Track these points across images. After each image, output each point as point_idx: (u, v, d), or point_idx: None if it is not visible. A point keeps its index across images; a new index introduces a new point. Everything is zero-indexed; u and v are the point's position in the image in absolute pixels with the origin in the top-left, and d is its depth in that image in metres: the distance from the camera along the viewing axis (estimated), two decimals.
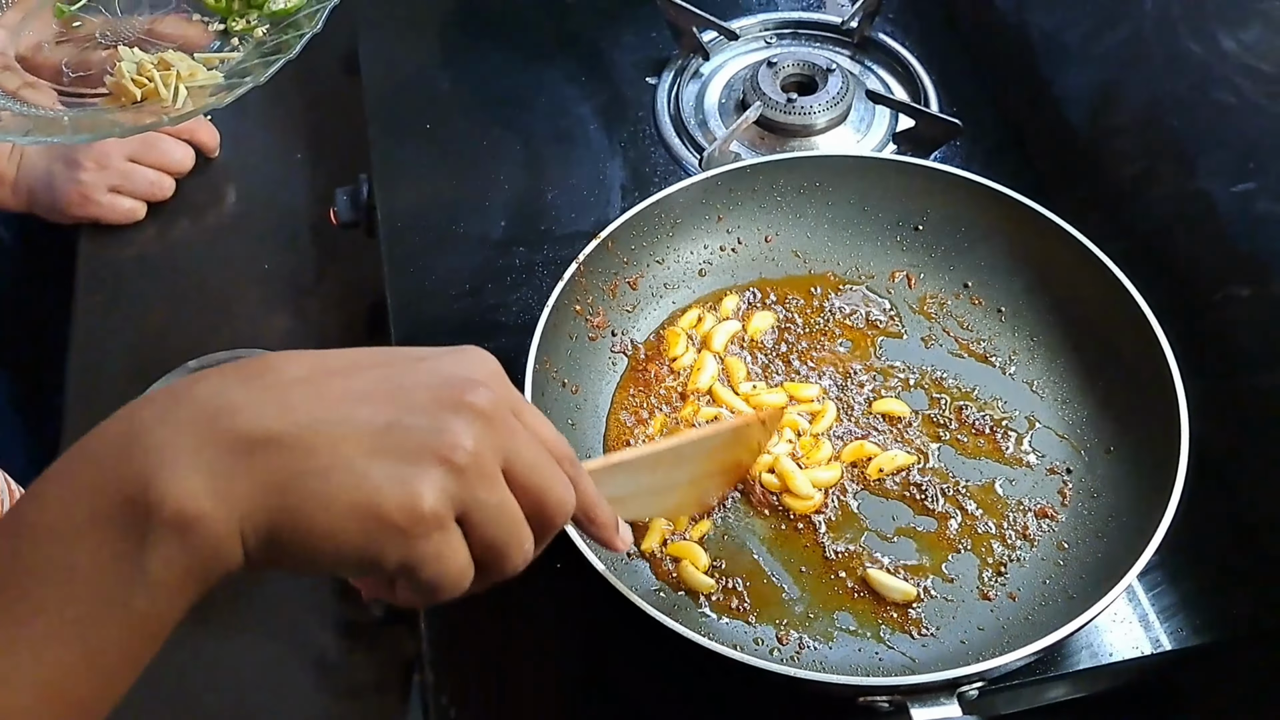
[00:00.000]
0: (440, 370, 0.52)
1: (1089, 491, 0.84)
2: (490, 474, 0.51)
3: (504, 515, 0.52)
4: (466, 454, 0.50)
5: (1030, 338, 0.93)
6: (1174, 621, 0.82)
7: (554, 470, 0.55)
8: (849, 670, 0.76)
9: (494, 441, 0.51)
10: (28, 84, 0.98)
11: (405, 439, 0.49)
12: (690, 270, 0.96)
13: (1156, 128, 0.96)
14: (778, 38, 1.22)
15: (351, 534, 0.48)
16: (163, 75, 0.95)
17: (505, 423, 0.52)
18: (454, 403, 0.51)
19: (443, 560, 0.50)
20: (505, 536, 0.52)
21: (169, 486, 0.46)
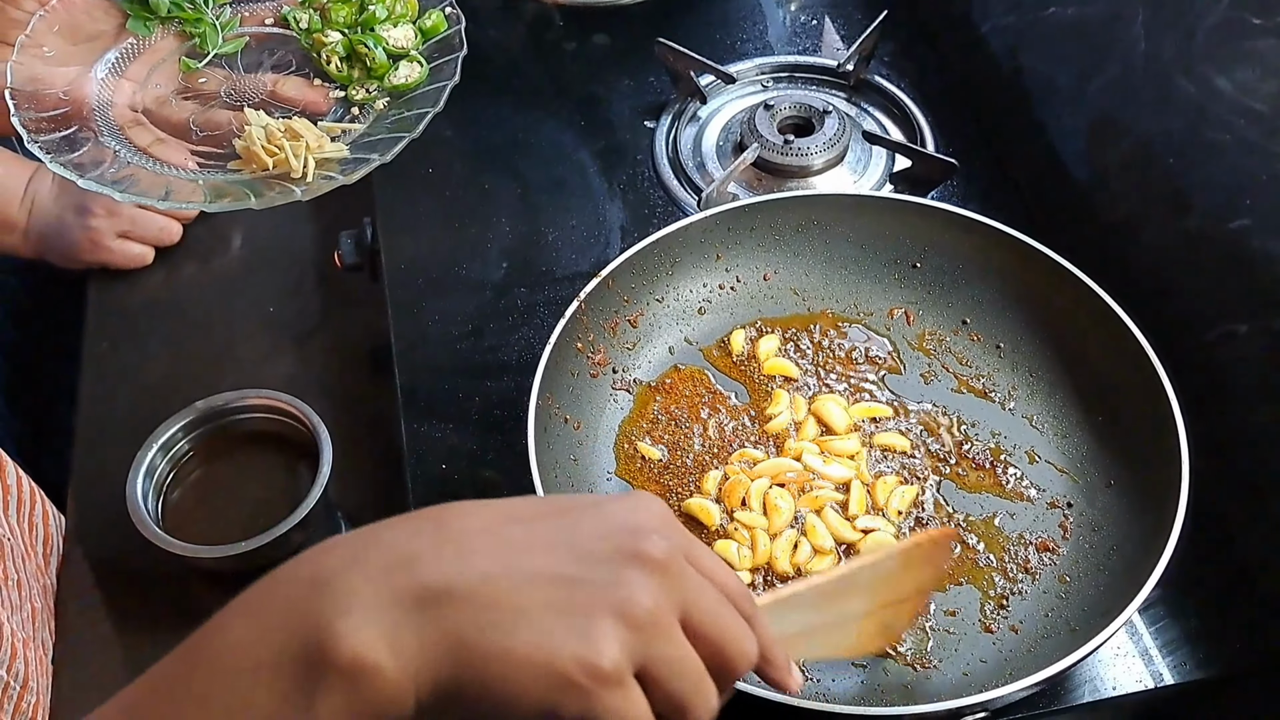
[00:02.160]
0: (615, 518, 0.52)
1: (1090, 525, 0.85)
2: (668, 628, 0.50)
3: (685, 669, 0.51)
4: (645, 609, 0.49)
5: (1029, 373, 0.93)
6: (1176, 656, 0.82)
7: (733, 617, 0.53)
8: (852, 702, 0.76)
9: (671, 593, 0.51)
10: (159, 140, 0.96)
11: (584, 593, 0.49)
12: (690, 308, 0.97)
13: (1150, 166, 0.97)
14: (774, 81, 1.23)
15: (529, 688, 0.48)
16: (292, 145, 0.93)
17: (681, 572, 0.51)
18: (630, 553, 0.50)
19: (623, 717, 0.49)
20: (687, 691, 0.51)
21: (347, 634, 0.47)
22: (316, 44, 1.02)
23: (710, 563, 0.54)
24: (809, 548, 0.84)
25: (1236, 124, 0.87)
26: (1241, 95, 0.87)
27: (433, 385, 0.97)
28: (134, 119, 0.96)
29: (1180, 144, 0.93)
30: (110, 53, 0.99)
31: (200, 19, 1.01)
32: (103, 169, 0.90)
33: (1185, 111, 0.92)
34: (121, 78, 0.99)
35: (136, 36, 1.00)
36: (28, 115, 0.92)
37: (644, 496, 0.55)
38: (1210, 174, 0.90)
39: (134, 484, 0.91)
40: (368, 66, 1.00)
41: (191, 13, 1.01)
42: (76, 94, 0.94)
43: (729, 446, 0.90)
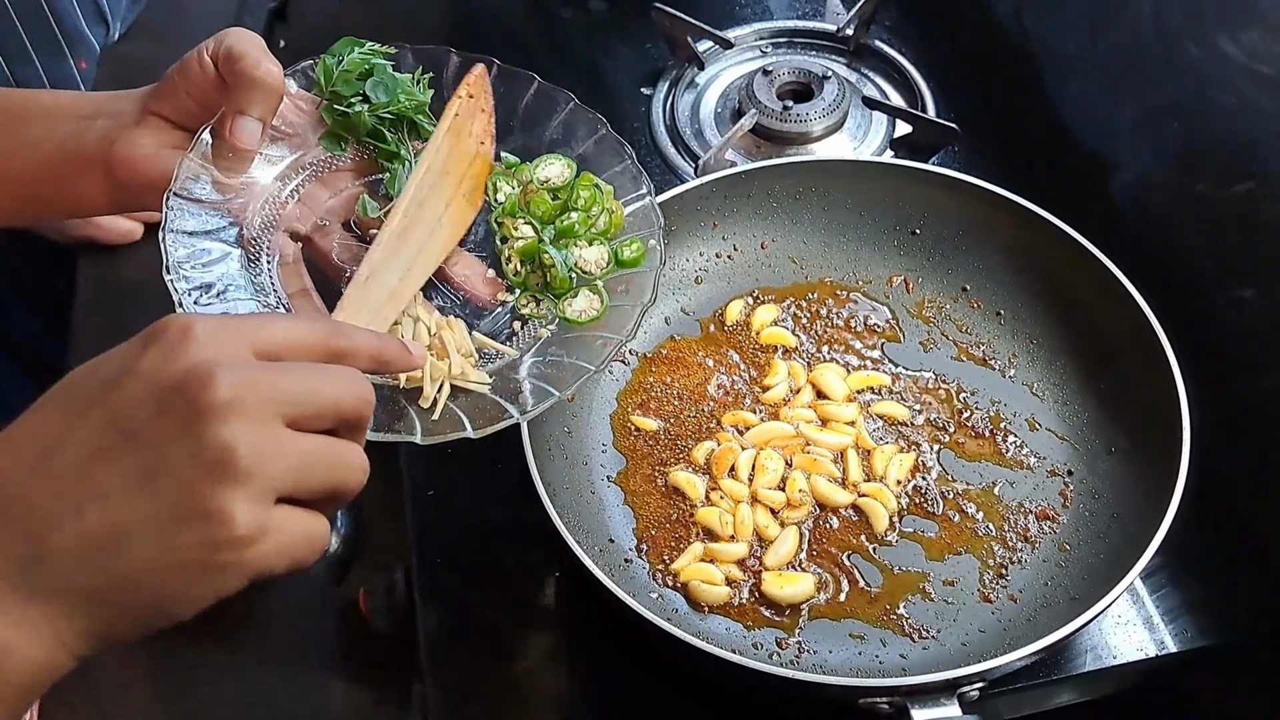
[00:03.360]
0: (154, 382, 0.48)
1: (1090, 493, 0.84)
2: (276, 445, 0.48)
3: (317, 462, 0.50)
4: (243, 451, 0.47)
5: (1030, 340, 0.92)
6: (1178, 623, 0.81)
7: (329, 377, 0.52)
8: (849, 673, 0.76)
9: (259, 413, 0.48)
10: (303, 291, 0.77)
11: (175, 479, 0.47)
12: (686, 278, 0.96)
13: (1155, 130, 0.95)
14: (773, 46, 1.22)
15: (179, 590, 0.47)
16: (434, 365, 0.73)
17: (254, 388, 0.48)
18: (193, 412, 0.47)
19: (283, 549, 0.49)
20: (329, 477, 0.51)
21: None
22: (506, 229, 0.80)
23: (278, 336, 0.52)
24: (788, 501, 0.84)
25: (1243, 87, 0.86)
26: (1248, 59, 0.85)
27: None
28: (294, 254, 0.78)
29: (1186, 108, 0.91)
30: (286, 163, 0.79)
31: (396, 154, 0.79)
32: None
33: (1191, 75, 0.90)
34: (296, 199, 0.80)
35: (321, 155, 0.80)
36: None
37: (175, 329, 0.49)
38: (1216, 138, 0.89)
39: None
40: (547, 280, 0.79)
41: (392, 142, 0.79)
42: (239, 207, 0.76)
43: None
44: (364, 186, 0.81)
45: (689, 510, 0.83)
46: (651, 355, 0.93)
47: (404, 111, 0.79)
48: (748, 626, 0.78)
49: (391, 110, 0.79)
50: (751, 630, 0.78)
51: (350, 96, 0.78)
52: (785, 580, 0.79)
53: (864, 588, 0.80)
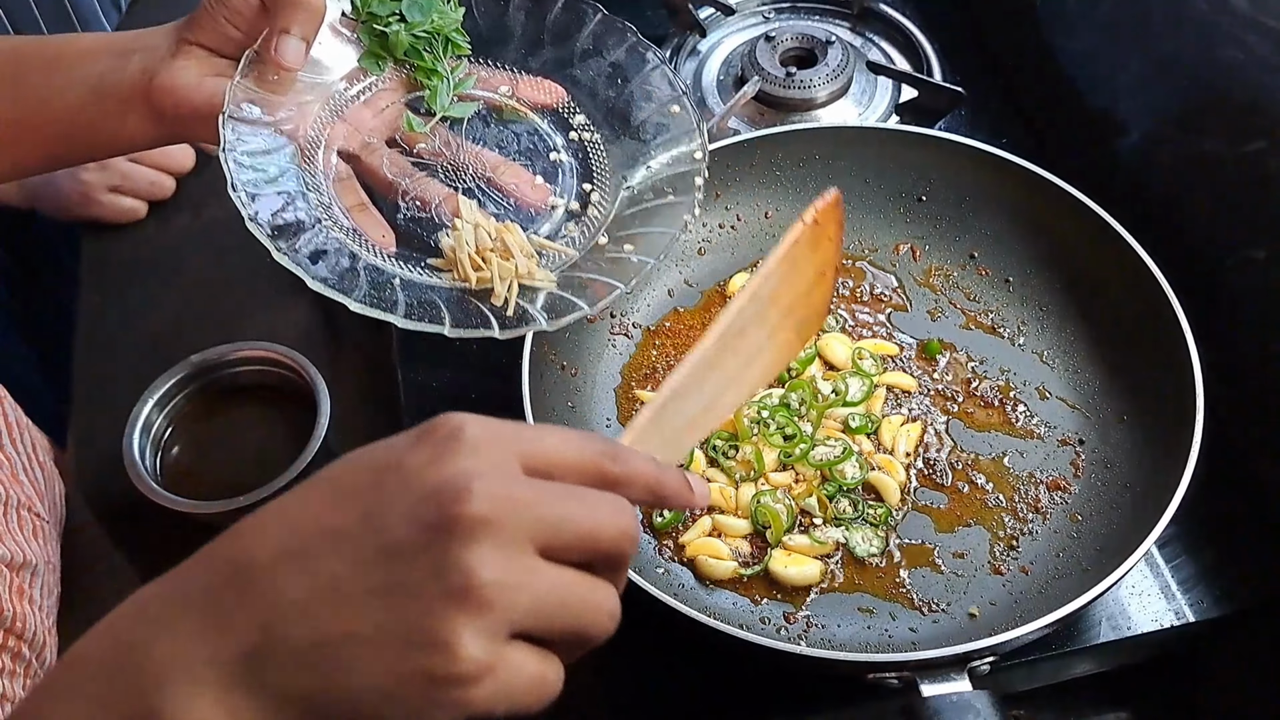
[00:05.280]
0: (415, 484, 0.45)
1: (1102, 462, 0.83)
2: (524, 576, 0.45)
3: (565, 601, 0.46)
4: (486, 580, 0.44)
5: (1039, 307, 0.91)
6: (1194, 593, 0.80)
7: (594, 505, 0.48)
8: (858, 648, 0.75)
9: (512, 538, 0.45)
10: (361, 204, 0.79)
11: (411, 595, 0.44)
12: (689, 249, 0.95)
13: (1162, 88, 0.93)
14: (775, 12, 1.20)
15: (397, 714, 0.44)
16: (501, 266, 0.76)
17: (511, 510, 0.45)
18: (444, 525, 0.44)
19: (507, 693, 0.45)
20: (575, 620, 0.47)
21: (177, 711, 0.44)
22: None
23: (548, 452, 0.48)
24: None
25: (1251, 41, 0.84)
26: (1256, 12, 0.84)
27: (429, 333, 0.95)
28: (346, 173, 0.81)
29: (1193, 64, 0.90)
30: (334, 88, 0.82)
31: (435, 71, 0.83)
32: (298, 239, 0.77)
33: (1198, 30, 0.89)
34: (340, 119, 0.82)
35: (362, 74, 0.82)
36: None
37: (446, 429, 0.47)
38: (1225, 95, 0.87)
39: (131, 441, 0.90)
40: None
41: (429, 60, 0.83)
42: (290, 129, 0.78)
43: None
44: (405, 105, 0.83)
45: None
46: (655, 328, 0.92)
47: (440, 29, 0.81)
48: (755, 601, 0.78)
49: (427, 29, 0.81)
50: (759, 605, 0.78)
51: (387, 16, 0.80)
52: (792, 561, 0.78)
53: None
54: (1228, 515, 0.83)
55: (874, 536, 0.79)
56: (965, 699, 0.66)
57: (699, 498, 0.54)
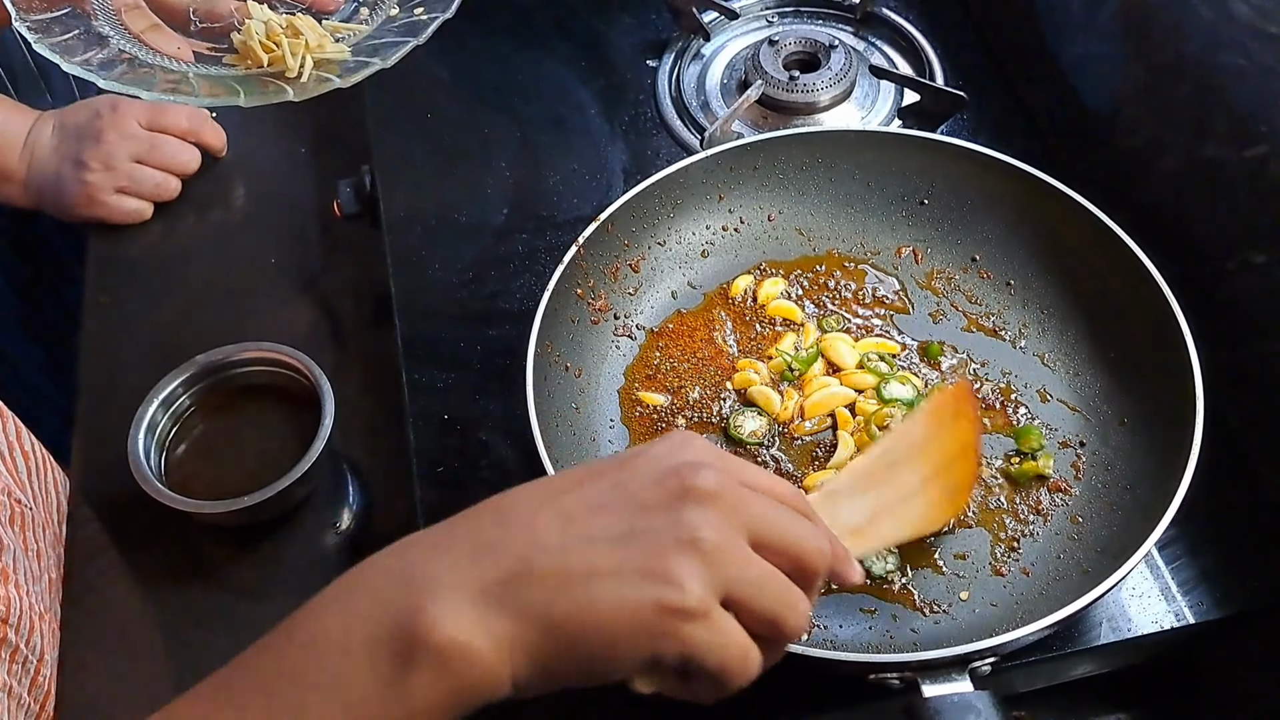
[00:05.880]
0: (659, 464, 0.54)
1: (1103, 464, 0.83)
2: (739, 551, 0.52)
3: (767, 584, 0.53)
4: (711, 540, 0.51)
5: (1040, 310, 0.91)
6: (1195, 594, 0.80)
7: (799, 522, 0.55)
8: (859, 648, 0.75)
9: (732, 518, 0.53)
10: (154, 26, 0.91)
11: (649, 541, 0.51)
12: (693, 251, 0.95)
13: (1165, 94, 0.94)
14: (779, 16, 1.20)
15: (624, 641, 0.50)
16: (291, 43, 0.89)
17: (737, 496, 0.53)
18: (682, 492, 0.53)
19: (720, 645, 0.51)
20: (775, 604, 0.53)
21: (439, 618, 0.50)
22: None
23: (762, 478, 0.56)
24: None
25: (1254, 48, 0.84)
26: (1258, 19, 0.84)
27: (433, 334, 0.96)
28: (133, 3, 0.91)
29: (1196, 70, 0.90)
30: None
31: None
32: (91, 54, 0.86)
33: (1200, 36, 0.89)
34: None
35: None
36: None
37: (681, 435, 0.56)
38: (1227, 100, 0.88)
39: (136, 441, 0.90)
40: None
41: None
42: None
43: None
44: None
45: None
46: (659, 330, 0.92)
47: None
48: None
49: None
50: None
51: None
52: None
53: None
54: (1228, 518, 0.84)
55: (888, 554, 0.80)
56: (967, 699, 0.67)
57: (855, 576, 0.60)
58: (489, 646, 0.50)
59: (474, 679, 0.50)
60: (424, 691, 0.49)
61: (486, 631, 0.50)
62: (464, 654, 0.50)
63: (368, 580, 0.53)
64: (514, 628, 0.50)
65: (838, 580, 0.59)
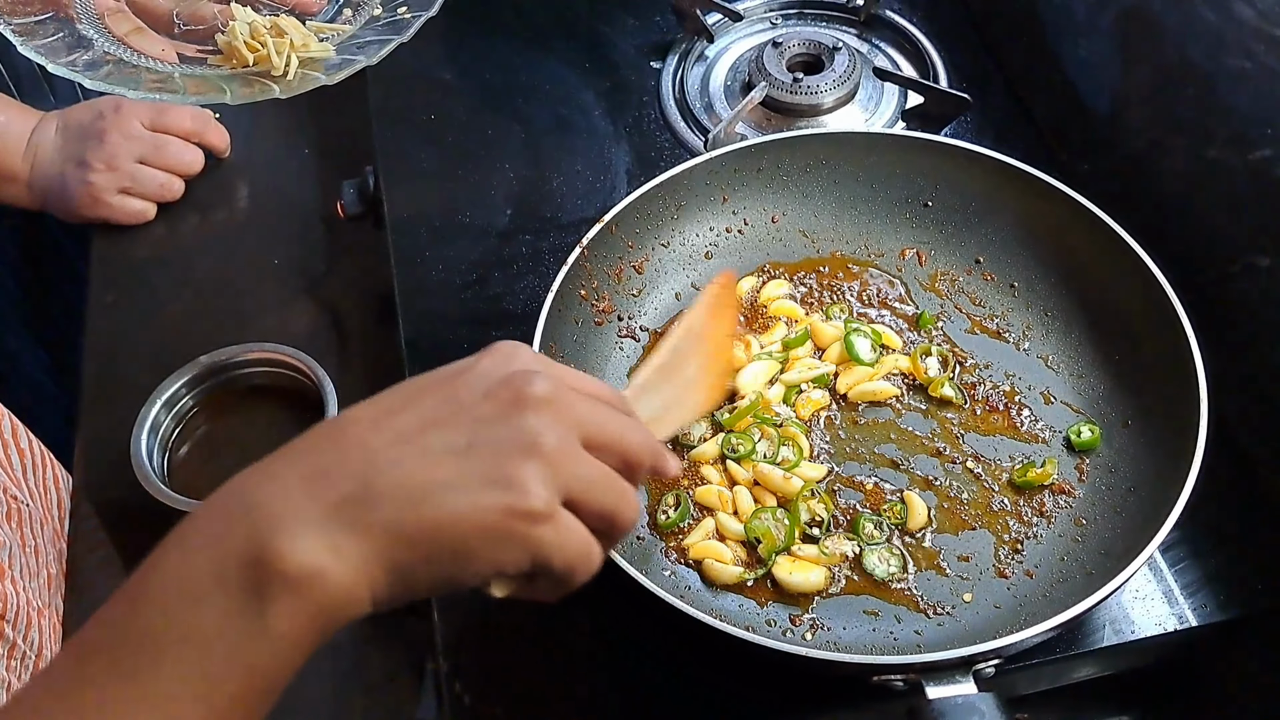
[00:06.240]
0: (487, 375, 0.55)
1: (1107, 466, 0.83)
2: (574, 451, 0.54)
3: (602, 481, 0.55)
4: (549, 442, 0.53)
5: (1044, 312, 0.91)
6: (1198, 597, 0.80)
7: (623, 420, 0.58)
8: (863, 650, 0.75)
9: (565, 421, 0.54)
10: (137, 29, 0.93)
11: (488, 449, 0.52)
12: (696, 253, 0.96)
13: (1169, 96, 0.94)
14: (783, 18, 1.20)
15: (475, 547, 0.52)
16: (276, 42, 0.90)
17: (567, 400, 0.55)
18: (516, 399, 0.54)
19: (565, 543, 0.53)
20: (612, 499, 0.55)
21: (287, 547, 0.49)
22: None
23: (586, 382, 0.59)
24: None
25: (1258, 51, 0.84)
26: (1263, 22, 0.84)
27: (437, 335, 0.96)
28: (116, 6, 0.93)
29: (1200, 73, 0.90)
30: None
31: None
32: (76, 56, 0.88)
33: (1205, 40, 0.89)
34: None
35: None
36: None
37: (509, 345, 0.58)
38: (1231, 103, 0.88)
39: (138, 441, 0.90)
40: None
41: None
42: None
43: None
44: None
45: (698, 486, 0.83)
46: (662, 331, 0.92)
47: None
48: (760, 603, 0.78)
49: None
50: (764, 607, 0.78)
51: None
52: (796, 568, 0.79)
53: None
54: (1231, 520, 0.84)
55: (890, 557, 0.80)
56: (970, 701, 0.67)
57: (673, 466, 0.62)
58: (342, 567, 0.50)
59: (332, 601, 0.50)
60: (283, 622, 0.49)
61: (336, 553, 0.50)
62: (318, 578, 0.49)
63: (205, 523, 0.52)
64: (364, 545, 0.50)
65: (657, 473, 0.60)
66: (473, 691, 0.78)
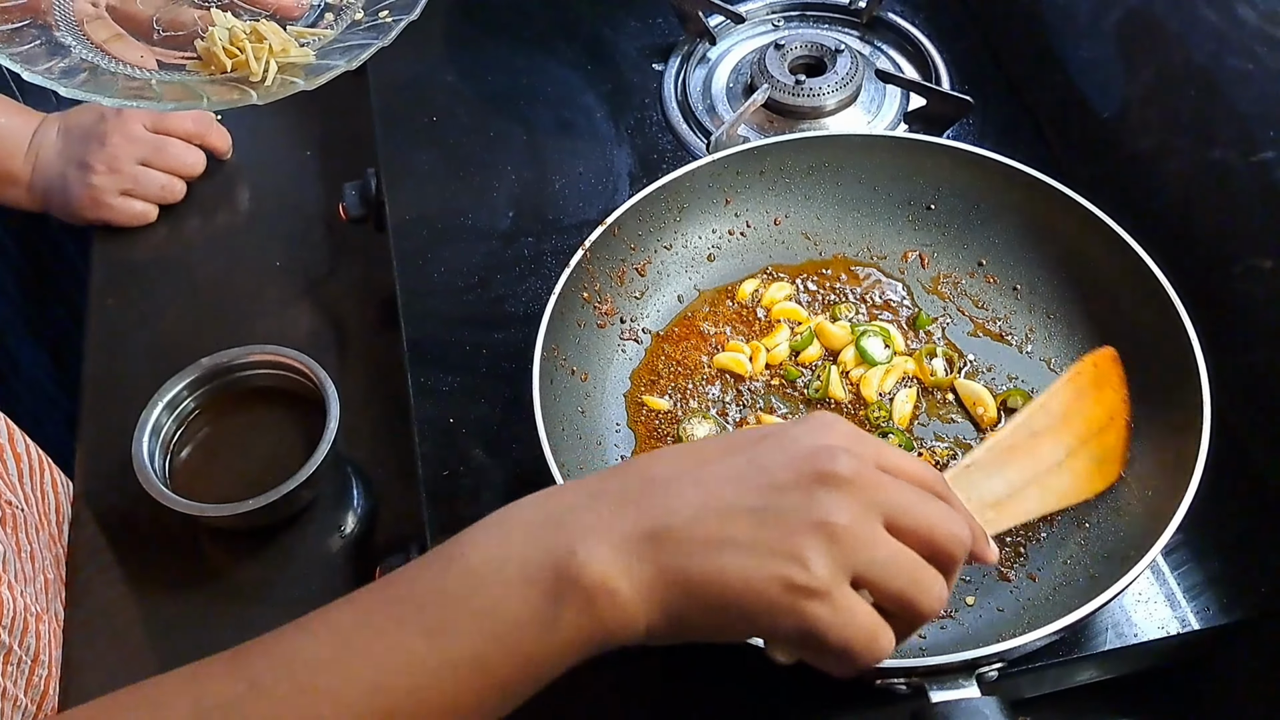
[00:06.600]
0: (798, 445, 0.56)
1: None
2: (871, 531, 0.54)
3: (898, 566, 0.55)
4: (842, 521, 0.54)
5: (1047, 315, 0.91)
6: (1201, 600, 0.80)
7: (935, 506, 0.57)
8: None
9: (866, 502, 0.55)
10: (116, 36, 0.93)
11: (781, 518, 0.54)
12: (699, 255, 0.95)
13: (1172, 98, 0.94)
14: (785, 20, 1.20)
15: (748, 610, 0.53)
16: (254, 48, 0.91)
17: (874, 480, 0.55)
18: (817, 475, 0.55)
19: (842, 624, 0.53)
20: (906, 585, 0.55)
21: (590, 560, 0.53)
22: None
23: (902, 461, 0.58)
24: None
25: (1261, 53, 0.84)
26: (1265, 24, 0.84)
27: (439, 337, 0.96)
28: (95, 13, 0.93)
29: (1203, 75, 0.90)
30: None
31: None
32: (53, 63, 0.88)
33: (1208, 41, 0.89)
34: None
35: None
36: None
37: (824, 417, 0.59)
38: (1234, 105, 0.87)
39: (140, 444, 0.90)
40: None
41: None
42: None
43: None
44: None
45: None
46: (664, 333, 0.92)
47: None
48: None
49: None
50: None
51: None
52: None
53: None
54: (1234, 524, 0.83)
55: None
56: (974, 705, 0.66)
57: (991, 555, 0.62)
58: (631, 591, 0.53)
59: (615, 620, 0.53)
60: (570, 627, 0.53)
61: (629, 577, 0.53)
62: (609, 595, 0.53)
63: (523, 520, 0.56)
64: (653, 578, 0.53)
65: (976, 560, 0.60)
66: None
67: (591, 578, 0.53)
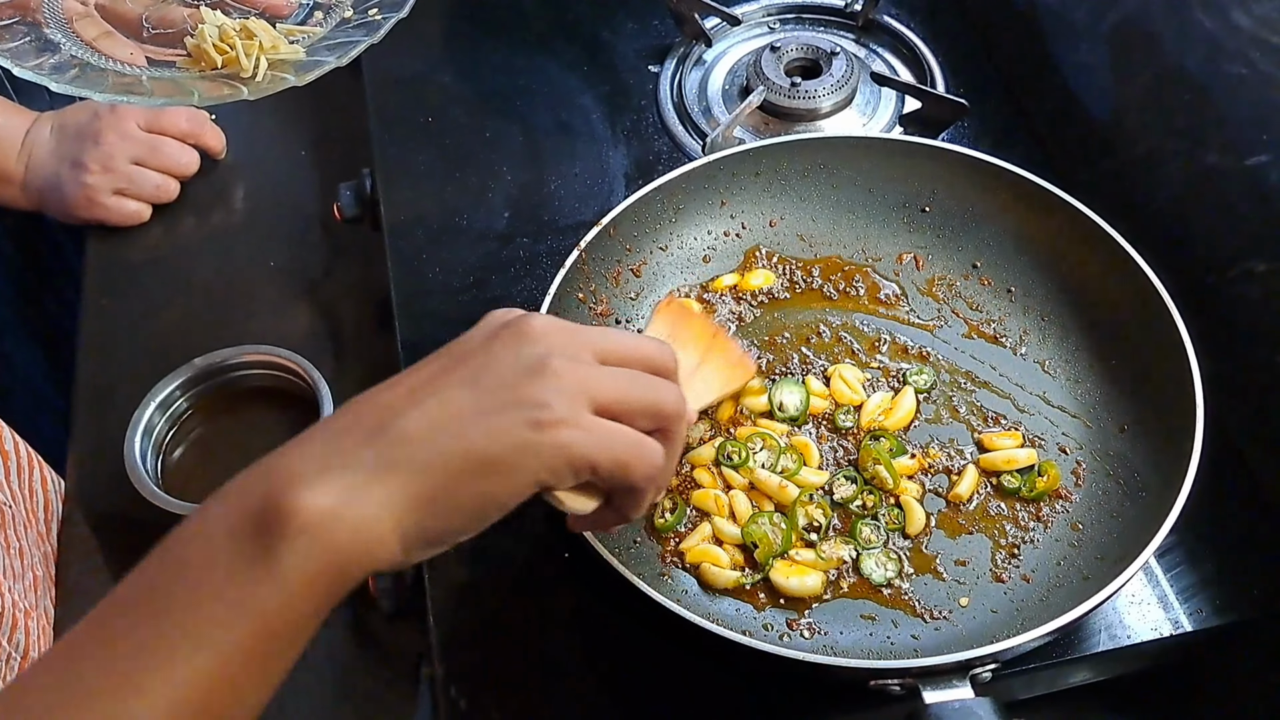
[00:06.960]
0: (486, 326, 0.58)
1: (1103, 471, 0.83)
2: (587, 363, 0.56)
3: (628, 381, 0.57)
4: (554, 360, 0.55)
5: (1041, 317, 0.91)
6: (1194, 602, 0.80)
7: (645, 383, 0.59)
8: (860, 654, 0.75)
9: (571, 343, 0.57)
10: (106, 33, 0.94)
11: (499, 381, 0.54)
12: (694, 256, 0.95)
13: (1167, 102, 0.94)
14: (781, 22, 1.21)
15: (507, 464, 0.53)
16: (245, 45, 0.92)
17: (568, 328, 0.58)
18: (517, 335, 0.56)
19: (603, 441, 0.55)
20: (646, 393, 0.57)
21: (299, 494, 0.50)
22: None
23: (619, 345, 0.59)
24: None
25: (1255, 58, 0.85)
26: (1260, 29, 0.84)
27: (434, 338, 0.94)
28: (84, 11, 0.95)
29: (1198, 79, 0.90)
30: None
31: None
32: (43, 59, 0.89)
33: (1203, 47, 0.89)
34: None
35: None
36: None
37: (497, 310, 0.60)
38: (1228, 109, 0.88)
39: (132, 443, 0.90)
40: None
41: None
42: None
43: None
44: None
45: (693, 490, 0.83)
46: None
47: None
48: (758, 607, 0.78)
49: None
50: (762, 611, 0.78)
51: None
52: (794, 572, 0.78)
53: None
54: (1228, 526, 0.84)
55: (888, 561, 0.79)
56: (968, 706, 0.67)
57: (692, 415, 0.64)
58: (360, 510, 0.50)
59: (350, 544, 0.50)
60: (294, 568, 0.49)
61: (353, 495, 0.50)
62: (332, 520, 0.50)
63: (223, 492, 0.53)
64: (388, 485, 0.51)
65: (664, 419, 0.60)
66: (468, 696, 0.78)
67: (303, 510, 0.50)
